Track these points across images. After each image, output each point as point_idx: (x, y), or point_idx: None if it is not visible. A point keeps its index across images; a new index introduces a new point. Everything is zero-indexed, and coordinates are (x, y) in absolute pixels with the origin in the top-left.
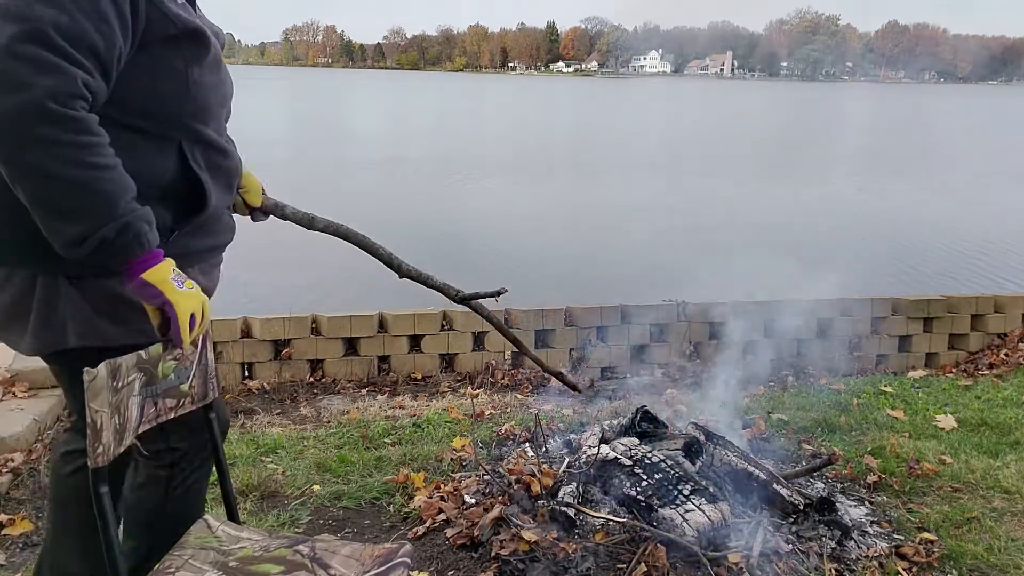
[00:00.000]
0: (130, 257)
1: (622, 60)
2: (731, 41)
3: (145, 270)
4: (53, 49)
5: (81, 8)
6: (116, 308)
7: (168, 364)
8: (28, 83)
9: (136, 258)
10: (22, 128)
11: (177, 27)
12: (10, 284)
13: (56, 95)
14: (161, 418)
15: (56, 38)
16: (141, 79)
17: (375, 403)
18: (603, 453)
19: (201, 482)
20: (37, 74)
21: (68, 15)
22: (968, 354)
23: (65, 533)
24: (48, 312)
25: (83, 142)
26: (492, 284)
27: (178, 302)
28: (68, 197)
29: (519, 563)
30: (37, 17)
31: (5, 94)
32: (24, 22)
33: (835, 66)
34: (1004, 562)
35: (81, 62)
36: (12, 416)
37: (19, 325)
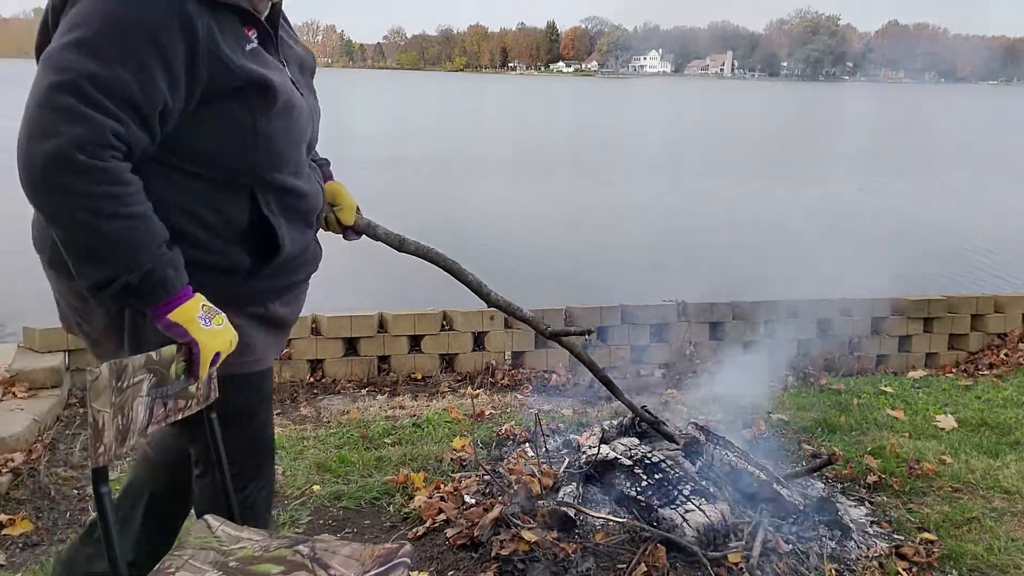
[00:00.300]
0: (155, 301)
1: (622, 60)
2: (731, 41)
3: (171, 311)
4: (85, 100)
5: (123, 61)
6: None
7: (180, 365)
8: (58, 132)
9: (161, 301)
10: (49, 176)
11: (241, 79)
12: (94, 314)
13: (83, 145)
14: (170, 419)
15: (90, 89)
16: (207, 131)
17: (375, 403)
18: (603, 453)
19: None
20: (66, 123)
21: (107, 67)
22: (968, 354)
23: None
24: (138, 340)
25: (108, 192)
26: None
27: (203, 341)
28: (91, 244)
29: (519, 563)
30: (75, 68)
31: (38, 141)
32: (62, 72)
33: (835, 66)
34: (1004, 562)
35: (114, 113)
36: (12, 416)
37: (113, 344)
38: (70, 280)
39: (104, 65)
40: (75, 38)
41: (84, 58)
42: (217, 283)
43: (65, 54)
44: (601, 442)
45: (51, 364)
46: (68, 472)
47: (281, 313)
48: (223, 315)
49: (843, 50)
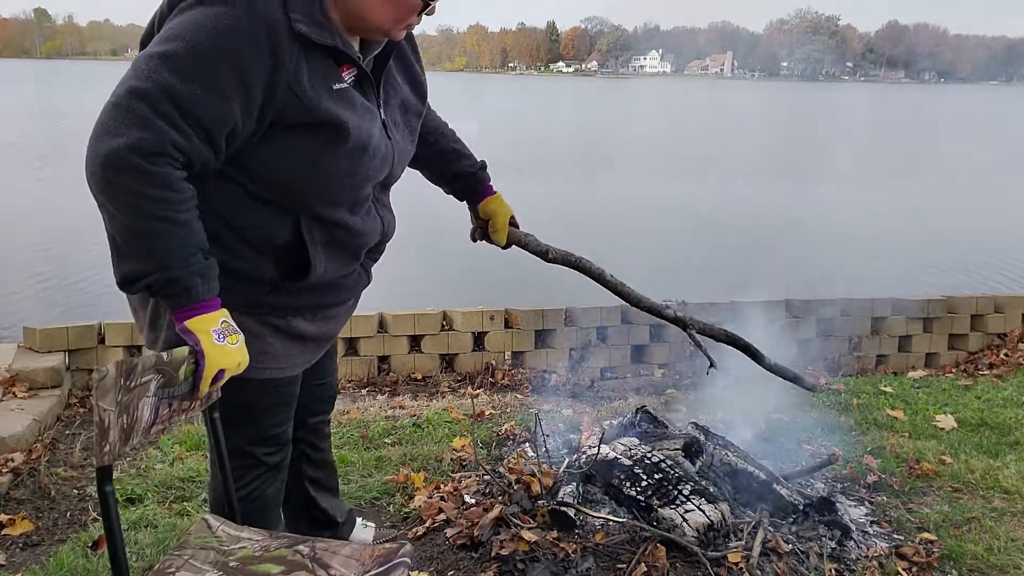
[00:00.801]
0: (178, 305)
1: (622, 60)
2: (731, 41)
3: (189, 318)
4: (155, 110)
5: (203, 82)
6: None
7: (189, 367)
8: (122, 132)
9: (183, 307)
10: (105, 170)
11: (315, 117)
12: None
13: (139, 148)
14: (174, 419)
15: (164, 102)
16: (271, 155)
17: (375, 403)
18: (603, 453)
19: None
20: (133, 127)
21: (186, 85)
22: (968, 354)
23: None
24: (155, 318)
25: (153, 195)
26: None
27: (210, 355)
28: (128, 239)
29: (519, 563)
30: (156, 80)
31: (104, 137)
32: (144, 80)
33: (835, 66)
34: (1004, 562)
35: (180, 127)
36: (12, 416)
37: (140, 316)
38: None
39: (184, 82)
40: (165, 50)
41: (168, 72)
42: (239, 287)
43: (152, 63)
44: (601, 442)
45: (51, 364)
46: (68, 472)
47: (305, 328)
48: (241, 336)
49: (843, 50)
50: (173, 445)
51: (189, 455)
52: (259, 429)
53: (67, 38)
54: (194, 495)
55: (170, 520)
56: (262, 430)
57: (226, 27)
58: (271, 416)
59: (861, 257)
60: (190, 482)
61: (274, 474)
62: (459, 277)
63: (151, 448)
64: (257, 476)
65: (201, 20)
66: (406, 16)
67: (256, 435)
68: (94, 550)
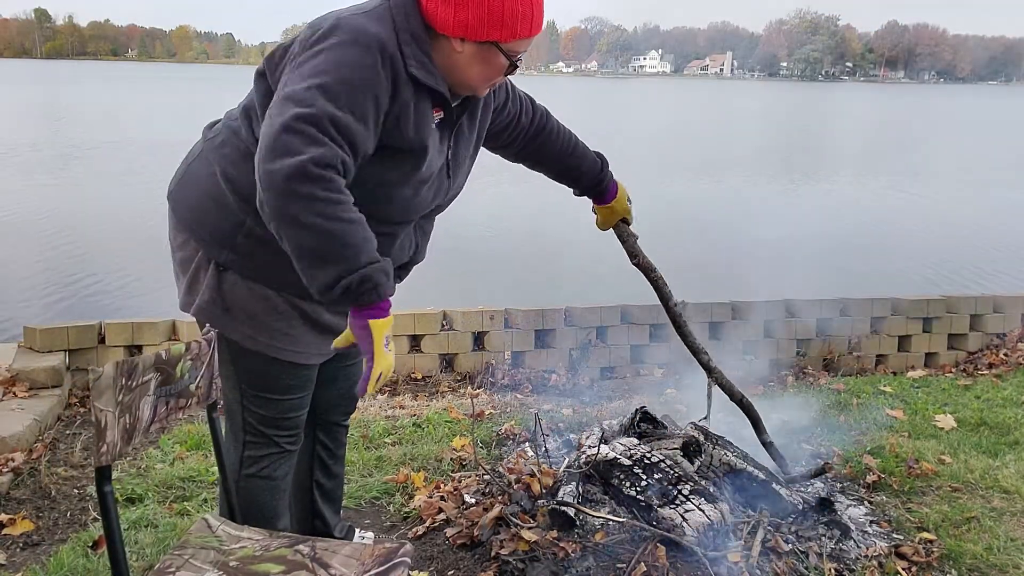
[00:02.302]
0: (367, 303)
1: (622, 60)
2: (731, 41)
3: (373, 317)
4: (323, 131)
5: (351, 109)
6: (236, 307)
7: (186, 364)
8: (299, 151)
9: (370, 304)
10: (288, 185)
11: (406, 147)
12: (186, 247)
13: (319, 162)
14: (171, 417)
15: (328, 125)
16: (357, 172)
17: (375, 403)
18: (603, 453)
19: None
20: (307, 145)
21: (341, 111)
22: (968, 354)
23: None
24: (194, 281)
25: (335, 199)
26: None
27: (379, 360)
28: (321, 244)
29: (519, 563)
30: (317, 106)
31: (280, 158)
32: (307, 107)
33: (835, 66)
34: (1003, 562)
35: (342, 145)
36: (12, 416)
37: (181, 280)
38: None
39: (339, 109)
40: (319, 83)
41: (325, 101)
42: (283, 269)
43: (310, 94)
44: (601, 442)
45: (51, 364)
46: (68, 472)
47: (327, 319)
48: (392, 347)
49: (843, 50)
50: (173, 445)
51: (189, 455)
52: (280, 410)
53: (67, 38)
54: (194, 495)
55: (170, 520)
56: (282, 411)
57: (366, 66)
58: (289, 398)
59: (861, 257)
60: (190, 482)
61: (286, 457)
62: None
63: (151, 448)
64: (269, 455)
65: (345, 59)
66: (495, 76)
67: (275, 417)
68: (94, 550)
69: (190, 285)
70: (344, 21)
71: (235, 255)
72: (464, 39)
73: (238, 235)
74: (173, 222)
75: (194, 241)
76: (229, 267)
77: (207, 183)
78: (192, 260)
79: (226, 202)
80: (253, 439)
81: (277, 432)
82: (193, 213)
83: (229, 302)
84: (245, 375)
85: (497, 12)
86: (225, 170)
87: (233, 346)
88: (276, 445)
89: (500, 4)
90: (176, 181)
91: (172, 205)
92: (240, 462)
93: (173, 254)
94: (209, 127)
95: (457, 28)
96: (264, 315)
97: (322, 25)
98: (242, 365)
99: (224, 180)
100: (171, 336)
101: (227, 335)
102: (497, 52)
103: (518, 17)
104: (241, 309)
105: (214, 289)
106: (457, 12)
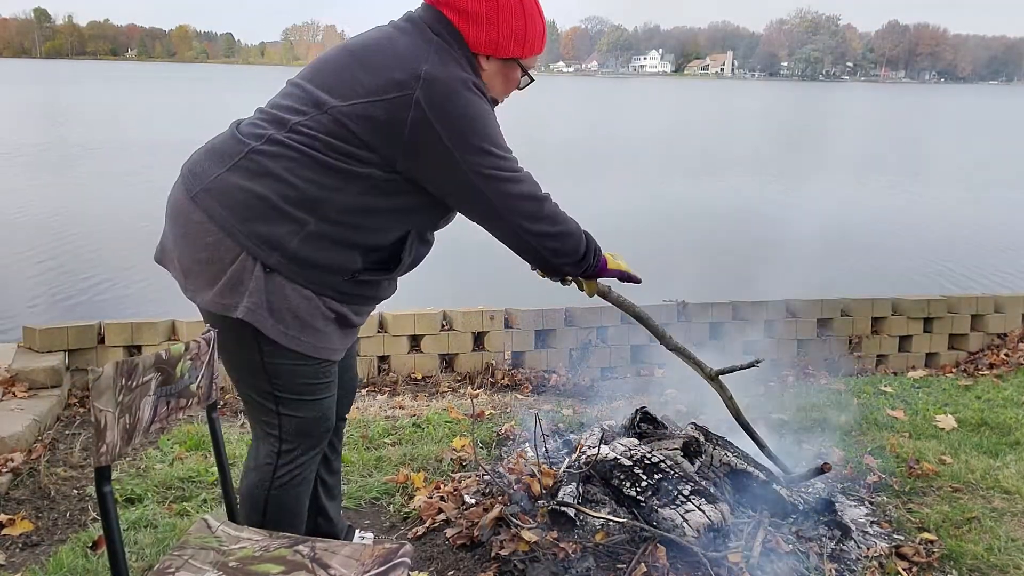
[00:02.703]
0: (599, 261)
1: (622, 60)
2: (731, 41)
3: (607, 265)
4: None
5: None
6: (282, 309)
7: (185, 364)
8: (538, 197)
9: (598, 264)
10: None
11: None
12: (219, 246)
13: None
14: (171, 417)
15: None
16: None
17: (375, 403)
18: (603, 454)
19: (306, 475)
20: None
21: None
22: (968, 354)
23: None
24: (236, 283)
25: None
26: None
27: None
28: (571, 240)
29: (519, 563)
30: (513, 168)
31: (536, 202)
32: (512, 172)
33: (836, 66)
34: (1004, 562)
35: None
36: (12, 416)
37: (206, 280)
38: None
39: (509, 151)
40: (482, 144)
41: (509, 162)
42: (320, 272)
43: (501, 158)
44: (601, 442)
45: (51, 364)
46: (68, 472)
47: (351, 317)
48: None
49: (843, 50)
50: (173, 445)
51: (189, 455)
52: (319, 410)
53: (67, 38)
54: (194, 495)
55: (170, 520)
56: (322, 410)
57: (490, 111)
58: (327, 397)
59: (861, 257)
60: (190, 482)
61: (316, 457)
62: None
63: (151, 448)
64: (306, 460)
65: (479, 112)
66: (511, 89)
67: (315, 418)
68: (94, 550)
69: (231, 287)
70: (435, 74)
71: (284, 258)
72: (490, 56)
73: (294, 239)
74: (201, 221)
75: (233, 242)
76: (277, 269)
77: (258, 188)
78: (223, 260)
79: (282, 208)
80: (291, 446)
81: (316, 434)
82: (236, 216)
83: (276, 304)
84: (282, 380)
85: (520, 31)
86: (286, 179)
87: (270, 353)
88: (313, 447)
89: (523, 24)
90: (210, 182)
91: (204, 206)
92: (274, 472)
93: (193, 252)
94: (254, 136)
95: (488, 46)
96: (307, 314)
97: (420, 87)
98: (279, 370)
99: (285, 187)
100: (171, 336)
101: (270, 335)
102: (516, 67)
103: (536, 36)
104: (288, 310)
105: (262, 292)
106: (488, 32)
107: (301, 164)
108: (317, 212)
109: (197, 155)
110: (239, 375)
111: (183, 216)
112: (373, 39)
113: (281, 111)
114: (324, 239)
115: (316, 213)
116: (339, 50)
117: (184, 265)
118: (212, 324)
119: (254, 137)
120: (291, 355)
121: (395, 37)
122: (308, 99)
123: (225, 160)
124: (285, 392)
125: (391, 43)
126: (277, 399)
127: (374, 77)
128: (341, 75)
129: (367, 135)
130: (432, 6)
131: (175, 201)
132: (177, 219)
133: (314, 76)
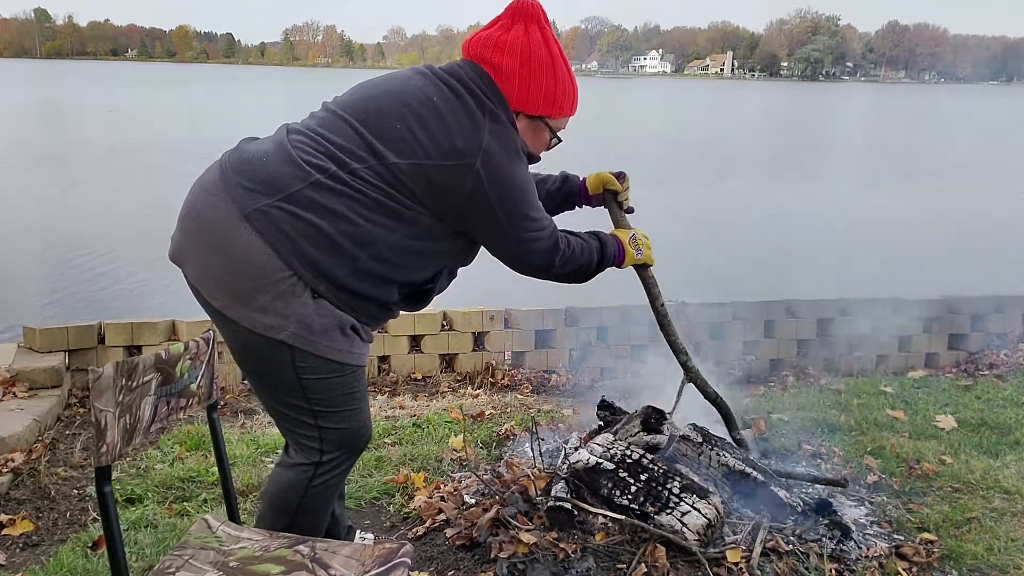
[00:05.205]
0: (616, 262)
1: (622, 60)
2: (731, 41)
3: (624, 260)
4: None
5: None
6: (325, 328)
7: (185, 364)
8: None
9: (621, 260)
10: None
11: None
12: (265, 266)
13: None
14: (171, 417)
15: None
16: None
17: (375, 403)
18: (583, 460)
19: (340, 481)
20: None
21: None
22: (968, 354)
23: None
24: (283, 305)
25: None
26: (492, 284)
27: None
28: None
29: (519, 563)
30: (545, 226)
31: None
32: (540, 231)
33: (836, 66)
34: (1004, 562)
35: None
36: (12, 416)
37: (243, 294)
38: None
39: (540, 211)
40: (527, 212)
41: (540, 222)
42: (360, 306)
43: (526, 222)
44: (579, 448)
45: (51, 364)
46: (68, 472)
47: (370, 334)
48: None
49: (843, 50)
50: (173, 445)
51: (189, 455)
52: (359, 417)
53: (67, 38)
54: (194, 495)
55: (170, 520)
56: (361, 416)
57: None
58: (363, 401)
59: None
60: (190, 482)
61: (353, 463)
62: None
63: (151, 448)
64: (345, 462)
65: (525, 182)
66: (541, 149)
67: (357, 427)
68: (94, 550)
69: (274, 308)
70: (493, 148)
71: (332, 287)
72: (520, 112)
73: (343, 271)
74: (251, 239)
75: (285, 266)
76: (324, 296)
77: (318, 220)
78: (269, 279)
79: (338, 242)
80: (333, 456)
81: (359, 444)
82: (292, 242)
83: (319, 325)
84: (319, 395)
85: (551, 91)
86: (347, 216)
87: (303, 369)
88: (355, 456)
89: (554, 85)
90: (268, 204)
91: (259, 226)
92: (311, 479)
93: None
94: (316, 168)
95: (519, 103)
96: (345, 331)
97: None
98: (315, 385)
99: (345, 223)
100: (171, 336)
101: (306, 348)
102: (544, 127)
103: (567, 97)
104: (333, 328)
105: (309, 316)
106: (520, 89)
107: (362, 204)
108: (369, 249)
109: (246, 165)
110: (270, 392)
111: (227, 229)
112: (424, 94)
113: (338, 150)
114: (370, 274)
115: (368, 250)
116: (387, 95)
117: (215, 275)
118: (237, 339)
119: (317, 169)
120: (324, 367)
121: (449, 99)
122: (364, 145)
123: (285, 185)
124: (323, 406)
125: (448, 106)
126: (315, 413)
127: (434, 142)
128: (396, 128)
129: (422, 192)
130: (474, 62)
131: (219, 211)
132: (216, 229)
133: (364, 118)
